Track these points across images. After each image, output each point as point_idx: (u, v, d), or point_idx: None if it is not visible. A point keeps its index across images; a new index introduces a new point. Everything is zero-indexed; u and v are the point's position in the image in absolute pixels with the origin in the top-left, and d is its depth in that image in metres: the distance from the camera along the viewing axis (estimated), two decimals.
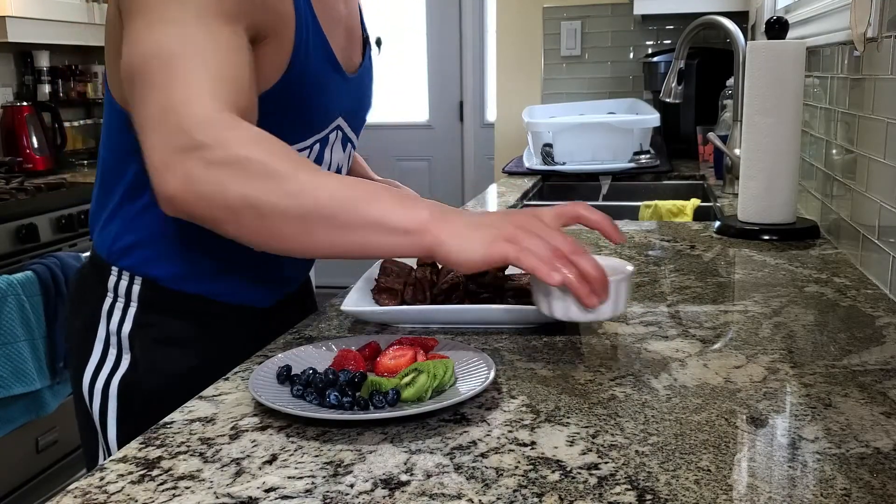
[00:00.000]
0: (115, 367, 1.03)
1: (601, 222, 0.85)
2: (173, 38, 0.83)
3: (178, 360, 1.03)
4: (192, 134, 0.79)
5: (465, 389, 0.76)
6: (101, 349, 1.04)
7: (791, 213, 1.50)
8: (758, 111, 1.47)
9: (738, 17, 2.69)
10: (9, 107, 3.16)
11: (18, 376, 2.23)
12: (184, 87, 0.81)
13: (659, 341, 0.93)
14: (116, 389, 1.02)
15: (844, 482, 0.61)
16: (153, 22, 0.84)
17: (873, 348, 0.90)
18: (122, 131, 0.97)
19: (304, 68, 0.95)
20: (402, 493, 0.60)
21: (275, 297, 1.13)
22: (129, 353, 1.03)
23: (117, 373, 1.03)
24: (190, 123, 0.79)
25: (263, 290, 1.11)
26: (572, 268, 0.78)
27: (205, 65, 0.82)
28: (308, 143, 1.02)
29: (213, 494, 0.61)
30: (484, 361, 0.81)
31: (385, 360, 0.81)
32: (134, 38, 0.85)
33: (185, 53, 0.82)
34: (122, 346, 1.03)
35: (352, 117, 1.10)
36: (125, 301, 1.03)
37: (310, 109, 0.99)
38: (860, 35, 1.20)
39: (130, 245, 1.02)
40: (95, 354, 1.04)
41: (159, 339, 1.03)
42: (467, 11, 4.82)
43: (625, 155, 2.45)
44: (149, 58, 0.83)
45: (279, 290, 1.14)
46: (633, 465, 0.64)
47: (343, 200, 0.79)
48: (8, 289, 2.19)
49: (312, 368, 0.78)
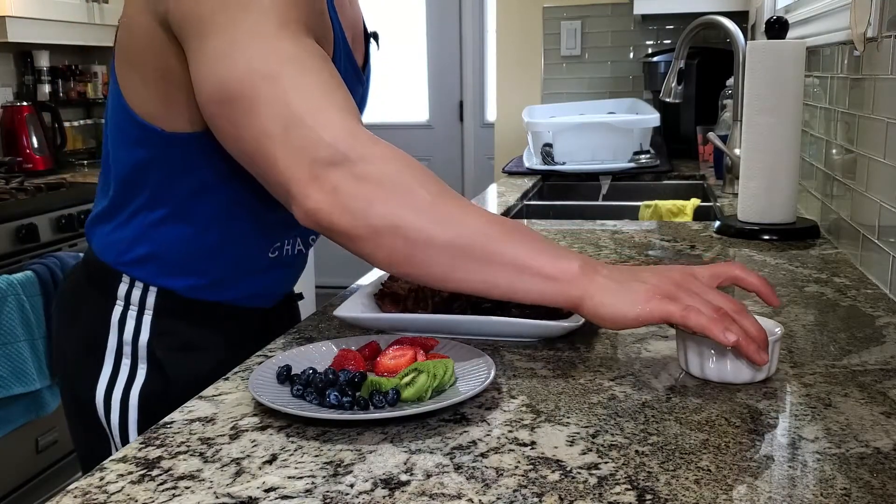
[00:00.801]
0: (130, 377, 1.02)
1: (758, 285, 0.83)
2: (270, 53, 0.81)
3: (197, 365, 1.02)
4: (336, 146, 0.77)
5: (465, 389, 0.76)
6: (114, 360, 1.02)
7: (791, 213, 1.50)
8: (758, 111, 1.47)
9: (738, 16, 2.69)
10: (9, 107, 3.16)
11: (18, 376, 2.23)
12: (304, 99, 0.79)
13: (659, 341, 0.93)
14: (137, 401, 1.01)
15: (844, 482, 0.61)
16: (237, 39, 0.81)
17: (873, 348, 0.90)
18: (140, 144, 0.95)
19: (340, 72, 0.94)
20: (402, 493, 0.60)
21: (277, 297, 1.14)
22: (147, 363, 1.01)
23: (135, 383, 1.01)
24: (331, 135, 0.78)
25: (269, 292, 1.12)
26: (737, 327, 0.76)
27: (316, 76, 0.81)
28: None
29: (212, 494, 0.61)
30: (484, 361, 0.81)
31: (385, 360, 0.81)
32: (215, 57, 0.82)
33: (289, 68, 0.80)
34: (139, 355, 1.01)
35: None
36: (138, 309, 1.01)
37: None
38: (860, 35, 1.20)
39: (145, 255, 1.00)
40: (107, 366, 1.02)
41: (178, 346, 1.02)
42: (467, 11, 4.82)
43: (625, 155, 2.45)
44: (248, 76, 0.80)
45: (282, 290, 1.15)
46: (633, 464, 0.64)
47: (492, 235, 0.77)
48: (8, 289, 2.19)
49: (312, 368, 0.78)
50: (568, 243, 1.47)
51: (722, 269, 0.83)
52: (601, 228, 1.61)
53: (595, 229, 1.60)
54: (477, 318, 0.93)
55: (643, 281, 0.78)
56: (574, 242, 1.48)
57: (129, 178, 0.99)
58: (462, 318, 0.93)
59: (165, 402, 1.00)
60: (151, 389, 1.02)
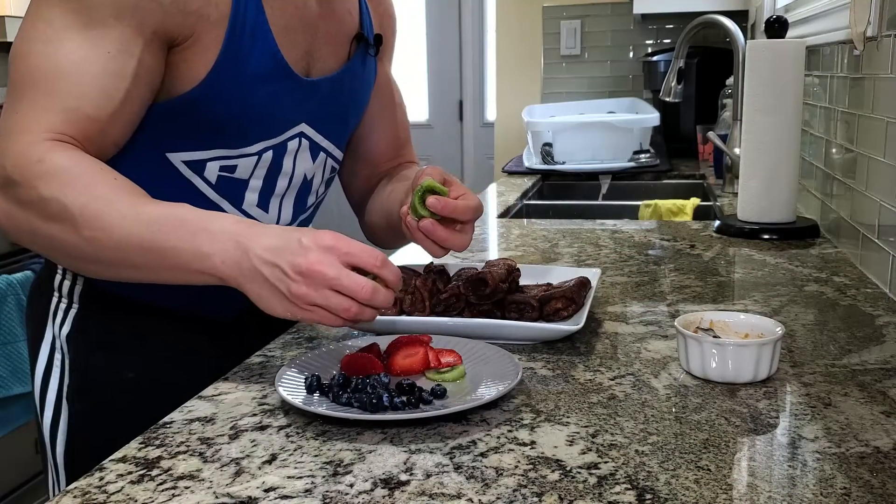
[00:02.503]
0: (62, 375, 0.99)
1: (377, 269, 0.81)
2: (47, 45, 0.84)
3: (113, 368, 0.98)
4: (8, 172, 0.82)
5: (491, 385, 0.77)
6: (48, 353, 1.00)
7: (791, 213, 1.50)
8: (758, 110, 1.47)
9: (738, 16, 2.68)
10: None
11: (18, 376, 2.23)
12: (27, 110, 0.84)
13: (659, 340, 0.93)
14: (66, 402, 0.98)
15: (844, 481, 0.61)
16: (38, 15, 0.86)
17: (873, 347, 0.90)
18: None
19: (236, 71, 0.90)
20: (401, 493, 0.60)
21: (234, 311, 1.03)
22: (69, 358, 0.98)
23: (65, 382, 0.98)
24: (8, 158, 0.82)
25: (213, 304, 1.02)
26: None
27: (62, 89, 0.84)
28: (255, 150, 0.96)
29: (212, 494, 0.61)
30: (510, 360, 0.82)
31: (398, 359, 0.82)
32: (22, 26, 0.87)
33: (49, 67, 0.84)
34: (64, 349, 0.99)
35: (321, 123, 1.02)
36: (67, 301, 1.00)
37: (242, 112, 0.93)
38: (860, 34, 1.20)
39: None
40: (41, 361, 1.00)
41: (94, 343, 0.99)
42: (467, 11, 4.82)
43: (624, 154, 2.45)
44: (18, 56, 0.86)
45: (237, 304, 0.99)
46: (632, 464, 0.64)
47: (134, 244, 0.80)
48: (8, 289, 2.19)
49: (342, 374, 0.78)
50: (568, 243, 1.47)
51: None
52: (601, 228, 1.61)
53: (595, 229, 1.60)
54: (475, 322, 0.92)
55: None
56: (574, 242, 1.48)
57: None
58: (460, 320, 0.93)
59: (91, 406, 0.98)
60: (77, 389, 0.98)
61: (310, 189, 1.06)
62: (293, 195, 1.03)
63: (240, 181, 0.97)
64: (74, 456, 0.99)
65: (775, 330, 0.82)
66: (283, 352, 0.92)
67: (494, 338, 0.92)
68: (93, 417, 0.98)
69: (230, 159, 0.95)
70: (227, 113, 0.92)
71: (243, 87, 0.92)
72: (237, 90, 0.91)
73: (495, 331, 0.91)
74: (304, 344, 0.95)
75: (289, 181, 1.01)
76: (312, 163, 1.03)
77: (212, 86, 0.90)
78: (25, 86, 0.84)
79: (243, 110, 0.93)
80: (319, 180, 1.07)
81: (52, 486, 1.02)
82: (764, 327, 0.85)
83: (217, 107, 0.91)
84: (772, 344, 0.79)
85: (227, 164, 0.95)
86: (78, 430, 0.98)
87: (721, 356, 0.79)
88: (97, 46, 0.84)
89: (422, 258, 1.13)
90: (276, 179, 1.00)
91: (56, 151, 0.82)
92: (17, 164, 0.82)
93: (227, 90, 0.90)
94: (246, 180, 0.97)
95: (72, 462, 0.99)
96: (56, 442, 0.99)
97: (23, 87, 0.84)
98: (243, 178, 0.97)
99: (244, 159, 0.96)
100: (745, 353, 0.79)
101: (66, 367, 0.99)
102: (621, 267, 1.29)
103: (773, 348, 0.79)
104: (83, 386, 0.99)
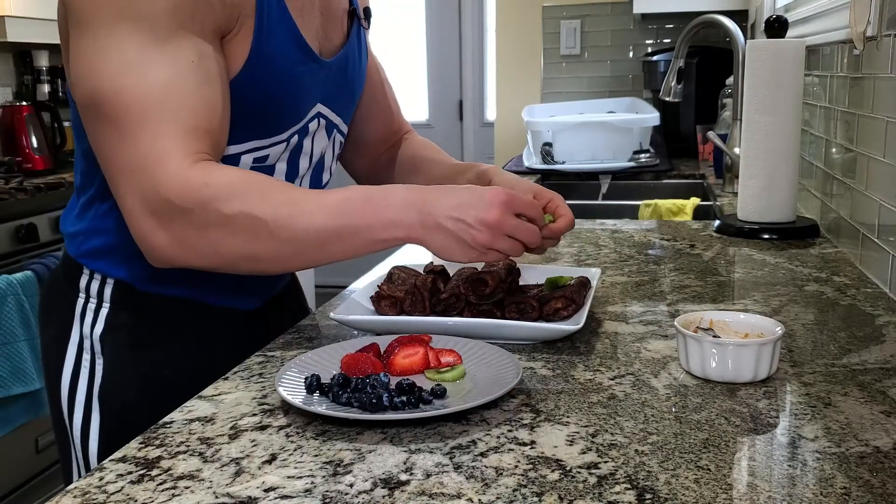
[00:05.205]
0: (91, 374, 0.99)
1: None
2: (133, 74, 0.82)
3: (147, 366, 0.99)
4: (173, 202, 0.83)
5: (492, 384, 0.77)
6: (76, 354, 1.00)
7: (791, 212, 1.50)
8: (757, 110, 1.47)
9: (738, 15, 2.68)
10: (8, 106, 3.16)
11: (18, 376, 2.23)
12: (153, 141, 0.83)
13: (659, 340, 0.93)
14: (98, 402, 0.98)
15: (844, 481, 0.61)
16: (103, 46, 0.83)
17: (873, 347, 0.90)
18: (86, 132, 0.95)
19: (268, 58, 0.92)
20: (401, 493, 0.60)
21: (257, 301, 1.09)
22: (102, 358, 0.99)
23: (95, 381, 0.99)
24: (167, 189, 0.82)
25: (242, 294, 1.06)
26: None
27: (173, 111, 0.83)
28: (285, 136, 0.98)
29: (212, 494, 0.61)
30: (509, 359, 0.82)
31: (398, 359, 0.83)
32: (84, 58, 0.84)
33: (150, 95, 0.82)
34: (95, 349, 0.99)
35: (334, 101, 1.05)
36: (97, 301, 1.00)
37: (277, 100, 0.95)
38: (860, 34, 1.20)
39: (99, 245, 0.99)
40: (69, 360, 1.00)
41: (127, 343, 0.99)
42: (467, 11, 4.82)
43: (624, 154, 2.45)
44: (109, 94, 0.83)
45: (260, 293, 1.10)
46: (632, 464, 0.64)
47: (331, 232, 0.85)
48: (7, 289, 2.19)
49: (342, 375, 0.78)
50: (567, 242, 1.47)
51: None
52: (601, 228, 1.61)
53: (595, 228, 1.60)
54: (475, 322, 0.92)
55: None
56: (574, 242, 1.48)
57: (85, 169, 0.99)
58: (460, 320, 0.93)
59: (125, 404, 0.98)
60: (110, 389, 0.99)
61: (324, 166, 1.09)
62: (310, 174, 1.06)
63: (268, 167, 0.99)
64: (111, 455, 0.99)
65: (775, 330, 0.82)
66: (283, 352, 0.92)
67: (494, 338, 0.92)
68: (127, 416, 0.98)
69: (262, 149, 0.97)
70: (263, 101, 0.94)
71: (276, 72, 0.94)
72: (271, 77, 0.93)
73: (495, 331, 0.91)
74: (304, 344, 0.95)
75: (309, 160, 1.04)
76: (327, 140, 1.07)
77: (249, 75, 0.91)
78: (136, 120, 0.83)
79: (277, 97, 0.95)
80: (331, 157, 1.11)
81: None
82: (764, 327, 0.85)
83: (255, 95, 0.93)
84: (772, 344, 0.79)
85: (259, 155, 0.97)
86: (113, 429, 0.98)
87: (721, 356, 0.79)
88: (179, 61, 0.84)
89: (422, 258, 1.13)
90: (299, 160, 1.03)
91: (212, 171, 0.84)
92: (181, 192, 0.82)
93: (262, 78, 0.92)
94: (273, 165, 1.00)
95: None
96: (89, 441, 0.99)
97: (138, 122, 0.83)
98: (271, 164, 0.99)
99: (275, 147, 0.98)
100: (745, 353, 0.79)
101: (96, 366, 0.99)
102: (621, 267, 1.29)
103: (772, 348, 0.79)
104: (117, 384, 0.99)
